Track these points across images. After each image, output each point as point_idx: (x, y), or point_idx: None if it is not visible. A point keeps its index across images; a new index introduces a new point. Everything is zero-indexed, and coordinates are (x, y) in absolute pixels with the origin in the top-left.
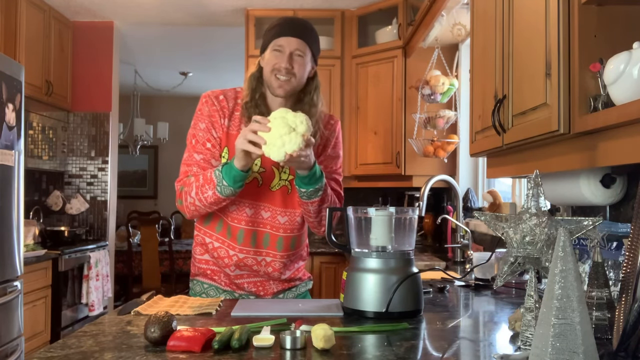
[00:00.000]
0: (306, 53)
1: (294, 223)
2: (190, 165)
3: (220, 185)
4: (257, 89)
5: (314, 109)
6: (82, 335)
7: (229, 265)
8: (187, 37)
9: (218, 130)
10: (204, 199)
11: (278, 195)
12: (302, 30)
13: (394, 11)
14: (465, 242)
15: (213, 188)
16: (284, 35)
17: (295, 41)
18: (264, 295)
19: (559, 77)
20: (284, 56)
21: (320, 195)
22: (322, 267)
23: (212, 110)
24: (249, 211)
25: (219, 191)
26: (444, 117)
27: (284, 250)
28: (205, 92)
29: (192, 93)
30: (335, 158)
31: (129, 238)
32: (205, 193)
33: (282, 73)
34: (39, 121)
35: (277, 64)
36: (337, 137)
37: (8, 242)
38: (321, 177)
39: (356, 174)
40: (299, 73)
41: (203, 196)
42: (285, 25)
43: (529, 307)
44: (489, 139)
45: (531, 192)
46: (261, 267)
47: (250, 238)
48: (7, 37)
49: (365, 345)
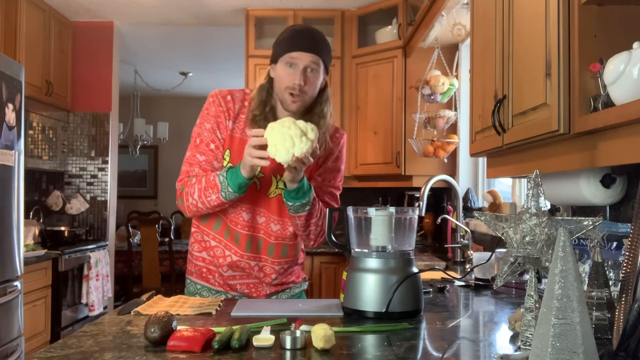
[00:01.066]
0: (319, 67)
1: (286, 232)
2: (193, 165)
3: (224, 190)
4: (267, 102)
5: (322, 120)
6: (82, 335)
7: (222, 265)
8: (187, 37)
9: (223, 132)
10: (207, 202)
11: (274, 202)
12: (316, 44)
13: (394, 11)
14: (465, 242)
15: (217, 193)
16: (298, 49)
17: (309, 56)
18: (257, 297)
19: (559, 77)
20: (297, 72)
21: (307, 211)
22: (322, 267)
23: (218, 111)
24: (245, 215)
25: (224, 196)
26: (444, 117)
27: (275, 257)
28: (213, 91)
29: (192, 93)
30: (334, 171)
31: (129, 238)
32: (208, 197)
33: (296, 91)
34: (39, 121)
35: (291, 82)
36: (340, 151)
37: (8, 242)
38: (309, 192)
39: (356, 174)
40: (310, 90)
41: (206, 199)
42: (298, 38)
43: (529, 307)
44: (489, 139)
45: (531, 192)
46: (253, 271)
47: (245, 242)
48: (7, 37)
49: (365, 345)
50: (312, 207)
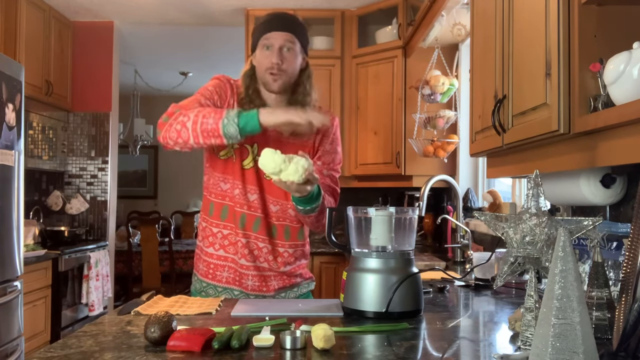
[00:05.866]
0: (295, 45)
1: (286, 213)
2: (193, 102)
3: (229, 118)
4: (251, 85)
5: (308, 97)
6: (82, 335)
7: (236, 252)
8: (187, 37)
9: (223, 103)
10: (199, 123)
11: (274, 183)
12: (289, 23)
13: (394, 11)
14: (465, 242)
15: (219, 119)
16: (271, 30)
17: (282, 35)
18: (266, 291)
19: (559, 77)
20: (273, 52)
21: (317, 211)
22: (322, 267)
23: (227, 86)
24: (250, 197)
25: (223, 124)
26: (444, 117)
27: (278, 238)
28: (217, 74)
29: (192, 93)
30: (332, 153)
31: (129, 238)
32: (206, 118)
33: (274, 69)
34: (39, 121)
35: (269, 62)
36: (335, 133)
37: (8, 242)
38: (318, 197)
39: (356, 174)
40: (290, 67)
41: (201, 120)
42: (271, 21)
43: (529, 307)
44: (489, 139)
45: (531, 192)
46: (262, 253)
47: (252, 223)
48: (7, 37)
49: (365, 345)
50: (321, 206)
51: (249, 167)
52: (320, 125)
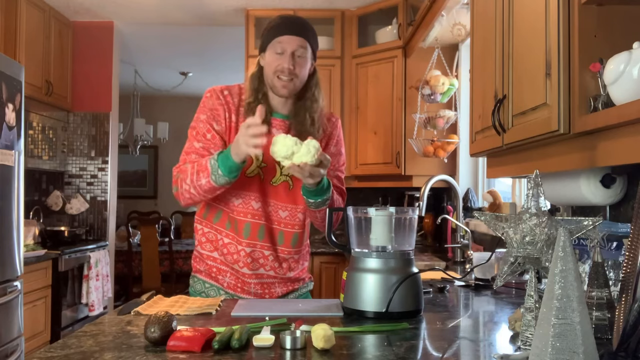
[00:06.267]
0: (307, 50)
1: (295, 219)
2: (189, 153)
3: (215, 174)
4: (260, 89)
5: (315, 104)
6: (82, 335)
7: (238, 261)
8: (187, 37)
9: (221, 123)
10: (198, 187)
11: (280, 189)
12: (302, 28)
13: (394, 11)
14: (465, 242)
15: (207, 176)
16: (284, 34)
17: (296, 40)
18: (269, 297)
19: (559, 77)
20: (285, 57)
21: (327, 204)
22: (322, 267)
23: (216, 104)
24: (255, 204)
25: (214, 180)
26: (444, 117)
27: (284, 245)
28: (210, 87)
29: (192, 93)
30: (337, 155)
31: (129, 238)
32: (199, 180)
33: (285, 74)
34: (39, 121)
35: (280, 65)
36: (338, 135)
37: (8, 242)
38: (328, 188)
39: (356, 174)
40: (301, 73)
41: (197, 183)
42: (284, 24)
43: (529, 307)
44: (489, 139)
45: (531, 192)
46: (268, 262)
47: (257, 232)
48: (7, 37)
49: (365, 345)
50: (331, 201)
51: (252, 174)
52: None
